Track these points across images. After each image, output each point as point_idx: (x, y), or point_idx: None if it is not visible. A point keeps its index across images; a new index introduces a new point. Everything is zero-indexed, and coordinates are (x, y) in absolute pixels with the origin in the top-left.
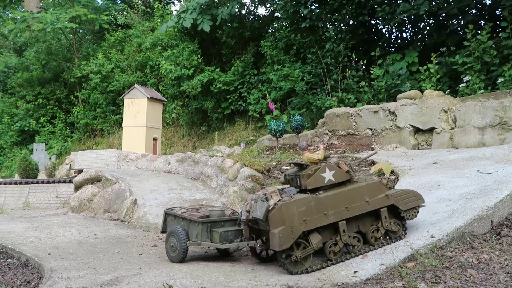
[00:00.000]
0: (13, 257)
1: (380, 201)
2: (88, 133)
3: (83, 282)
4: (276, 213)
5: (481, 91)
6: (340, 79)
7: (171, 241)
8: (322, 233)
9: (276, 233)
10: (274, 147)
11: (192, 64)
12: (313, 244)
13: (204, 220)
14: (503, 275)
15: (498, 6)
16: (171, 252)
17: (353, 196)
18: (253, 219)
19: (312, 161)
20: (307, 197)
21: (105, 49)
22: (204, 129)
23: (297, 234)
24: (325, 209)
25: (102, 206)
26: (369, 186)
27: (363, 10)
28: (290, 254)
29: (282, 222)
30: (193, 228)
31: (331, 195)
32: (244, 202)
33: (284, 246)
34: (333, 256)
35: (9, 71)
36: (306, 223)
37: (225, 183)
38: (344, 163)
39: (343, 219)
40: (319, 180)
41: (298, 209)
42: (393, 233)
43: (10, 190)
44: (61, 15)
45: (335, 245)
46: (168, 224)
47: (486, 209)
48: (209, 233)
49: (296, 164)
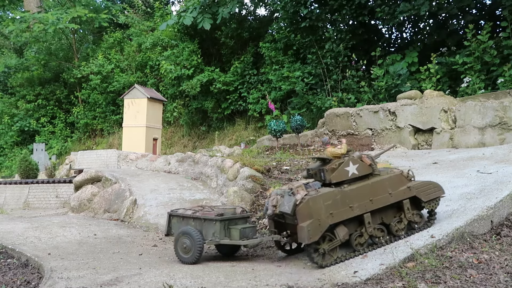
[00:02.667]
0: (13, 257)
1: (403, 193)
2: (88, 133)
3: (83, 282)
4: (303, 207)
5: (481, 91)
6: (340, 79)
7: (183, 242)
8: (347, 225)
9: (304, 226)
10: (274, 147)
11: (192, 64)
12: (339, 236)
13: (223, 218)
14: (503, 275)
15: (498, 6)
16: (184, 254)
17: (377, 189)
18: (280, 214)
19: (335, 155)
20: (333, 191)
21: (104, 49)
22: (204, 129)
23: (325, 227)
24: (350, 202)
25: (102, 206)
26: (391, 179)
27: (363, 10)
28: (318, 246)
29: (310, 215)
30: (209, 227)
31: (356, 188)
32: (269, 197)
33: (312, 239)
34: (359, 248)
35: (9, 71)
36: (332, 216)
37: (225, 183)
38: (366, 157)
39: (367, 212)
40: (343, 174)
41: (325, 202)
42: (415, 223)
43: (10, 190)
44: (61, 15)
45: (360, 237)
46: (172, 227)
47: (486, 209)
48: (227, 231)
49: (319, 159)
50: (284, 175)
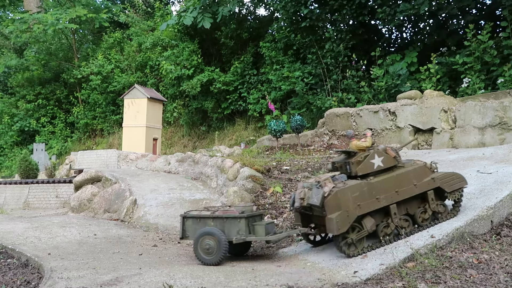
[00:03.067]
0: (13, 257)
1: (427, 184)
2: (88, 133)
3: (83, 282)
4: (332, 199)
5: (481, 91)
6: (340, 79)
7: (205, 243)
8: (374, 216)
9: (333, 218)
10: (274, 147)
11: (192, 64)
12: (367, 227)
13: (248, 215)
14: (503, 275)
15: (498, 6)
16: (206, 255)
17: (402, 180)
18: (307, 206)
19: (360, 148)
20: (360, 183)
21: (104, 50)
22: (204, 129)
23: (353, 218)
24: (377, 193)
25: (102, 206)
26: (416, 170)
27: (363, 10)
28: (346, 237)
29: (338, 207)
30: (232, 225)
31: (382, 180)
32: (296, 190)
33: (341, 230)
34: (386, 238)
35: (9, 71)
36: (360, 207)
37: (225, 183)
38: (391, 149)
39: (393, 203)
40: (368, 166)
41: (352, 194)
42: (439, 214)
43: (10, 190)
44: (61, 16)
45: (387, 228)
46: (187, 229)
47: (486, 209)
48: (251, 228)
49: (344, 152)
50: (284, 175)
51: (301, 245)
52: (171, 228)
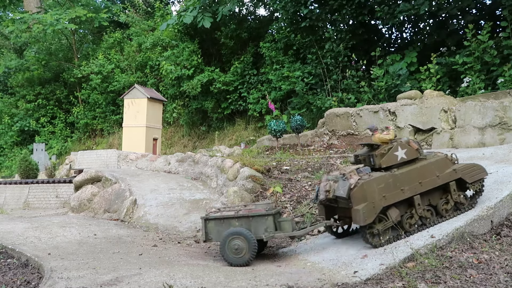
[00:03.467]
0: (13, 257)
1: (449, 175)
2: (88, 133)
3: (83, 282)
4: (358, 190)
5: (481, 91)
6: (340, 79)
7: (234, 244)
8: (398, 207)
9: (359, 209)
10: (274, 147)
11: (192, 64)
12: (392, 218)
13: (275, 212)
14: (503, 275)
15: (498, 6)
16: (235, 255)
17: (425, 172)
18: (332, 198)
19: (383, 141)
20: (385, 175)
21: (104, 49)
22: (204, 129)
23: (378, 209)
24: (401, 185)
25: (102, 206)
26: (438, 162)
27: (363, 10)
28: (372, 228)
29: (364, 198)
30: (260, 224)
31: (406, 172)
32: (321, 183)
33: (367, 221)
34: (410, 228)
35: (9, 71)
36: (385, 198)
37: (225, 183)
38: (413, 142)
39: (417, 194)
40: (392, 158)
41: (378, 186)
42: (461, 204)
43: (10, 190)
44: (61, 16)
45: (411, 218)
46: (210, 231)
47: (486, 209)
48: (277, 224)
49: (367, 145)
50: (284, 175)
51: (301, 245)
52: (171, 228)
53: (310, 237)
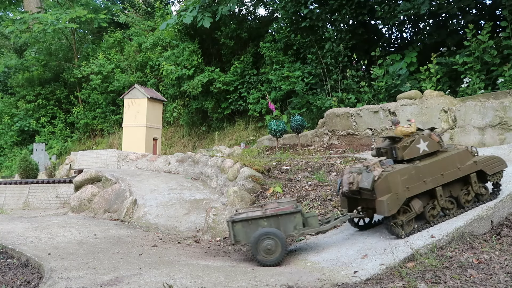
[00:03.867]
0: (13, 257)
1: (470, 167)
2: (88, 133)
3: (83, 282)
4: (382, 182)
5: (481, 91)
6: (340, 79)
7: (265, 244)
8: (421, 198)
9: (384, 200)
10: (274, 147)
11: (193, 64)
12: (415, 209)
13: (300, 209)
14: (503, 275)
15: (498, 6)
16: (267, 256)
17: (447, 164)
18: (356, 190)
19: (405, 134)
20: (408, 167)
21: (104, 49)
22: (204, 129)
23: (402, 200)
24: (424, 176)
25: (102, 206)
26: (460, 154)
27: (363, 10)
28: (396, 219)
29: (388, 190)
30: (288, 222)
31: (428, 164)
32: (344, 175)
33: (391, 212)
34: (432, 219)
35: (9, 71)
36: (408, 190)
37: (225, 183)
38: (435, 135)
39: (439, 185)
40: (414, 150)
41: (401, 177)
42: (481, 196)
43: (10, 190)
44: (61, 15)
45: (433, 209)
46: (237, 233)
47: (486, 209)
48: (305, 221)
49: (389, 138)
50: (284, 175)
51: (301, 245)
52: (171, 228)
53: (310, 237)
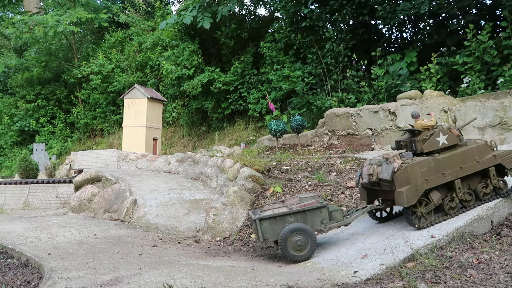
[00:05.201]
0: (13, 257)
1: (489, 161)
2: (88, 133)
3: (83, 282)
4: (401, 174)
5: (481, 91)
6: (340, 79)
7: (296, 240)
8: (439, 191)
9: (403, 191)
10: (274, 147)
11: (193, 64)
12: (434, 200)
13: (327, 203)
14: (503, 275)
15: (498, 6)
16: (297, 252)
17: (466, 157)
18: (375, 182)
19: (425, 127)
20: (427, 159)
21: (105, 49)
22: (204, 129)
23: (421, 192)
24: (443, 169)
25: (102, 206)
26: (479, 148)
27: (363, 10)
28: (415, 210)
29: (408, 181)
30: (315, 217)
31: (447, 157)
32: (364, 167)
33: (411, 203)
34: (451, 211)
35: (9, 71)
36: (428, 182)
37: (225, 183)
38: (454, 128)
39: (458, 178)
40: (434, 143)
41: (421, 169)
42: (500, 189)
43: (10, 190)
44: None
45: (451, 201)
46: (265, 231)
47: (486, 209)
48: (330, 215)
49: (409, 131)
50: (284, 175)
51: None
52: (171, 228)
53: None
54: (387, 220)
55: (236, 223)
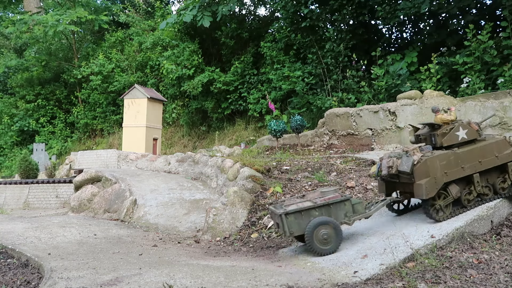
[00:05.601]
0: (13, 257)
1: (507, 156)
2: (88, 133)
3: (83, 282)
4: (421, 166)
5: (481, 91)
6: (340, 79)
7: (322, 234)
8: (458, 184)
9: (422, 184)
10: (274, 147)
11: (193, 64)
12: (452, 194)
13: (350, 196)
14: (503, 275)
15: (498, 6)
16: (323, 246)
17: (485, 152)
18: (394, 174)
19: (445, 121)
20: (447, 152)
21: (105, 49)
22: (204, 129)
23: (440, 184)
24: (462, 163)
25: (102, 206)
26: (498, 143)
27: (363, 10)
28: (434, 203)
29: (427, 174)
30: (339, 210)
31: (467, 151)
32: (383, 160)
33: (429, 195)
34: (468, 204)
35: (9, 71)
36: (447, 175)
37: (225, 183)
38: (474, 123)
39: (477, 172)
40: (453, 138)
41: (440, 163)
42: None
43: (10, 190)
44: (61, 16)
45: (469, 194)
46: (291, 225)
47: (486, 209)
48: (353, 207)
49: (428, 125)
50: (284, 175)
51: (301, 245)
52: (171, 228)
53: None
54: (405, 213)
55: (236, 223)
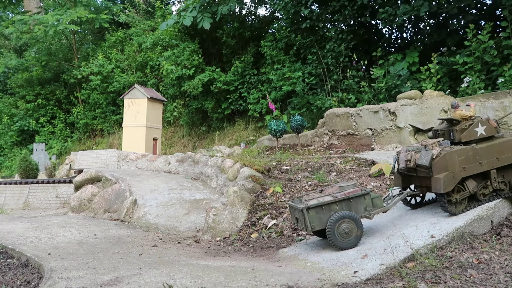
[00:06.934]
0: (13, 257)
1: None
2: (88, 133)
3: (83, 282)
4: (440, 160)
5: (481, 91)
6: (340, 79)
7: (343, 228)
8: (474, 179)
9: (440, 178)
10: (274, 147)
11: (193, 64)
12: (469, 188)
13: (370, 190)
14: (503, 275)
15: (498, 6)
16: (343, 239)
17: (503, 148)
18: (412, 167)
19: (464, 117)
20: (466, 148)
21: (105, 49)
22: (204, 129)
23: (458, 179)
24: (480, 158)
25: (102, 206)
26: None
27: (364, 11)
28: (450, 197)
29: (445, 168)
30: (359, 204)
31: (485, 147)
32: (401, 153)
33: (447, 189)
34: (483, 198)
35: (9, 71)
36: (465, 170)
37: (225, 183)
38: (492, 120)
39: (494, 168)
40: (472, 133)
41: (459, 157)
42: None
43: (10, 190)
44: (61, 16)
45: (485, 188)
46: (312, 220)
47: (486, 209)
48: (372, 201)
49: (447, 120)
50: (284, 175)
51: (301, 245)
52: (171, 228)
53: (310, 237)
54: (420, 207)
55: (236, 223)
